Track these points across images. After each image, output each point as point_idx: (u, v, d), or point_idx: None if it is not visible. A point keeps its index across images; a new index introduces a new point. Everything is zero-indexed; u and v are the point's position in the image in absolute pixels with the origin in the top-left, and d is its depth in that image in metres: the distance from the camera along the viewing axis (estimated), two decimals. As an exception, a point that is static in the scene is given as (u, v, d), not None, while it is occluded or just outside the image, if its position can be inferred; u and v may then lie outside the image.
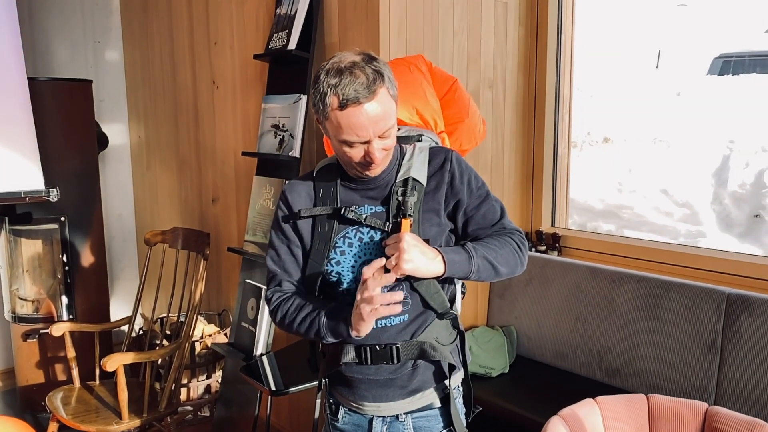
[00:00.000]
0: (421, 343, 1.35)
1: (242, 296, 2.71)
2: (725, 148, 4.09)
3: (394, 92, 1.26)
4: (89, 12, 3.75)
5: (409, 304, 1.34)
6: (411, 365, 1.37)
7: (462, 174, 1.36)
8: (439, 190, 1.35)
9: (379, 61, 1.25)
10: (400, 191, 1.33)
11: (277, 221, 1.42)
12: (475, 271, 1.29)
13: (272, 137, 2.59)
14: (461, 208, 1.37)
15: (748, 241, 3.49)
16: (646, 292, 2.25)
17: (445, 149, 1.42)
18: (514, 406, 2.20)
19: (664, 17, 8.18)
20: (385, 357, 1.34)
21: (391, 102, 1.24)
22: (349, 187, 1.37)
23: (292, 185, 1.43)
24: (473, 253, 1.29)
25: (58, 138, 2.98)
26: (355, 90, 1.18)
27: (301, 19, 2.44)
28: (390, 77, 1.25)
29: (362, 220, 1.32)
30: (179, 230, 2.82)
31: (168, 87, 3.53)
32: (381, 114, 1.22)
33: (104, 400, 2.54)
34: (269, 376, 2.32)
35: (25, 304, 3.04)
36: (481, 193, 1.39)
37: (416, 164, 1.36)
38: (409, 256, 1.20)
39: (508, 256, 1.34)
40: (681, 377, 2.12)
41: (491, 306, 2.73)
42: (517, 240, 1.38)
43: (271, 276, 1.43)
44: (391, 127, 1.26)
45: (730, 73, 5.22)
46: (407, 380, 1.37)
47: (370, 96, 1.19)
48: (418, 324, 1.35)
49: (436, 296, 1.34)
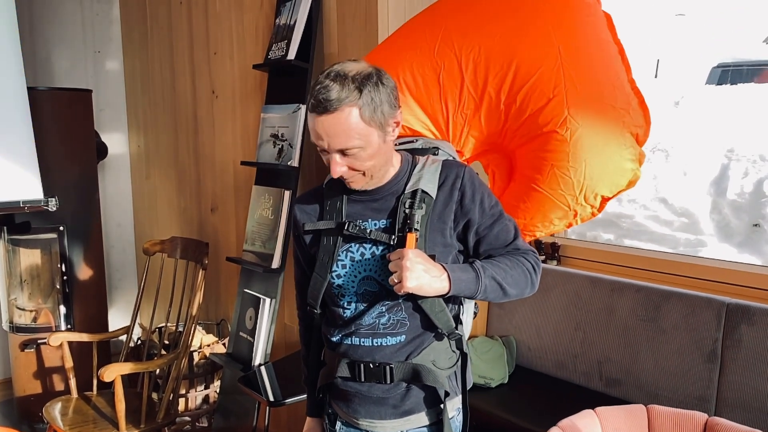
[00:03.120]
0: (416, 366, 1.31)
1: (241, 306, 2.70)
2: (724, 157, 4.09)
3: (378, 117, 1.20)
4: (89, 22, 3.77)
5: (407, 325, 1.31)
6: (404, 386, 1.33)
7: (474, 192, 1.30)
8: (447, 207, 1.30)
9: (379, 85, 1.20)
10: (408, 203, 1.29)
11: (293, 238, 1.45)
12: (482, 291, 1.24)
13: (271, 147, 2.59)
14: (472, 228, 1.31)
15: (747, 250, 3.49)
16: (646, 301, 2.24)
17: (459, 164, 1.36)
18: (513, 416, 2.19)
19: (663, 27, 8.22)
20: (377, 376, 1.31)
21: (360, 124, 1.18)
22: (355, 199, 1.34)
23: (300, 200, 1.44)
24: (481, 272, 1.24)
25: (58, 147, 2.99)
26: (318, 100, 1.18)
27: (301, 29, 2.45)
28: (379, 101, 1.19)
29: (366, 234, 1.29)
30: (178, 240, 2.81)
31: (168, 96, 3.53)
32: (337, 131, 1.18)
33: (102, 410, 2.53)
34: (267, 386, 2.31)
35: (23, 314, 3.03)
36: (494, 213, 1.32)
37: (427, 175, 1.31)
38: (412, 274, 1.16)
39: (518, 277, 1.29)
40: (681, 387, 2.11)
41: (490, 316, 2.72)
42: (532, 261, 1.32)
43: (296, 293, 1.51)
44: (357, 149, 1.20)
45: (728, 83, 5.24)
46: (400, 401, 1.34)
47: (328, 111, 1.17)
48: (415, 345, 1.32)
49: (441, 315, 1.30)
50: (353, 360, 1.33)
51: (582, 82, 1.45)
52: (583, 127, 1.44)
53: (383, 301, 1.30)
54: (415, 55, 1.51)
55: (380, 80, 1.22)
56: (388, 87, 1.23)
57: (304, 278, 1.42)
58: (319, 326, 1.44)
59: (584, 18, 1.48)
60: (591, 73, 1.46)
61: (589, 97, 1.45)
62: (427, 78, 1.51)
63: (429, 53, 1.50)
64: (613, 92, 1.47)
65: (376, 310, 1.31)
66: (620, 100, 1.47)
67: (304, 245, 1.40)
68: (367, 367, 1.32)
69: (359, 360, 1.32)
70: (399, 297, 1.28)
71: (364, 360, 1.32)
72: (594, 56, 1.48)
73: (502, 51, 1.45)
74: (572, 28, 1.47)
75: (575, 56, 1.45)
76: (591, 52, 1.47)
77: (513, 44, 1.45)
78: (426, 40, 1.52)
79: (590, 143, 1.45)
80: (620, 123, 1.48)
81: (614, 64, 1.49)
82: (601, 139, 1.46)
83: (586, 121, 1.44)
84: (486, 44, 1.46)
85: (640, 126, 1.51)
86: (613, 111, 1.47)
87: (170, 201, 3.63)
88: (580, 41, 1.46)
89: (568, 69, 1.44)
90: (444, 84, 1.50)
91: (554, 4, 1.48)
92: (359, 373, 1.33)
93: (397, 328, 1.31)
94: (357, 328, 1.32)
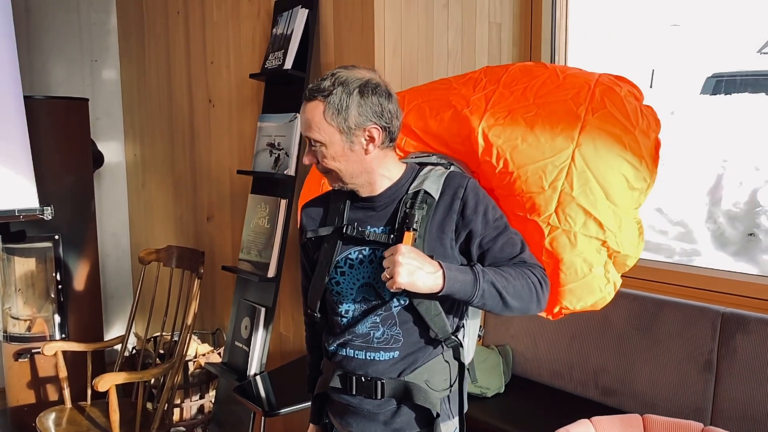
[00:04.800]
0: (408, 383, 1.29)
1: (236, 315, 2.69)
2: (719, 167, 4.11)
3: (340, 121, 1.24)
4: (86, 31, 3.78)
5: (401, 341, 1.29)
6: (395, 404, 1.31)
7: (477, 204, 1.28)
8: (447, 217, 1.28)
9: (355, 93, 1.23)
10: (409, 203, 1.28)
11: (299, 244, 1.46)
12: (479, 296, 1.19)
13: (268, 156, 2.60)
14: (475, 240, 1.28)
15: (742, 259, 3.50)
16: (641, 310, 2.24)
17: (464, 175, 1.35)
18: (509, 426, 2.18)
19: (658, 37, 8.26)
20: (368, 390, 1.30)
21: (322, 121, 1.24)
22: (357, 206, 1.34)
23: (307, 204, 1.46)
24: (480, 276, 1.20)
25: (54, 156, 2.98)
26: (309, 88, 1.27)
27: (297, 39, 2.46)
28: (345, 106, 1.23)
29: (365, 236, 1.29)
30: (173, 249, 2.81)
31: (164, 105, 3.54)
32: (307, 119, 1.27)
33: (96, 420, 2.51)
34: (263, 396, 2.30)
35: (17, 323, 3.01)
36: (499, 225, 1.29)
37: (431, 178, 1.31)
38: (404, 270, 1.14)
39: (521, 289, 1.24)
40: (677, 396, 2.11)
41: (487, 325, 2.72)
42: (538, 275, 1.27)
43: (303, 299, 1.50)
44: (319, 144, 1.26)
45: (722, 93, 5.26)
46: (390, 417, 1.32)
47: (306, 99, 1.27)
48: (408, 363, 1.30)
49: (437, 319, 1.27)
50: (346, 372, 1.33)
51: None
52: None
53: (378, 311, 1.29)
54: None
55: (363, 92, 1.24)
56: (369, 101, 1.24)
57: (309, 284, 1.42)
58: (322, 333, 1.44)
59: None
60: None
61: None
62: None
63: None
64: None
65: (370, 320, 1.30)
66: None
67: (308, 251, 1.42)
68: (359, 380, 1.31)
69: (352, 372, 1.32)
70: (393, 308, 1.28)
71: (357, 373, 1.31)
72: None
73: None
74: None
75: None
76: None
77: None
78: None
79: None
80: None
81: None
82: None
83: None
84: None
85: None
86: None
87: (166, 210, 3.62)
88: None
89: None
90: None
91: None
92: (351, 385, 1.32)
93: (391, 343, 1.30)
94: (352, 337, 1.32)
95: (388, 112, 1.27)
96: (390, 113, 1.27)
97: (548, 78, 1.51)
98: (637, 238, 1.51)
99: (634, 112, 1.47)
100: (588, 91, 1.45)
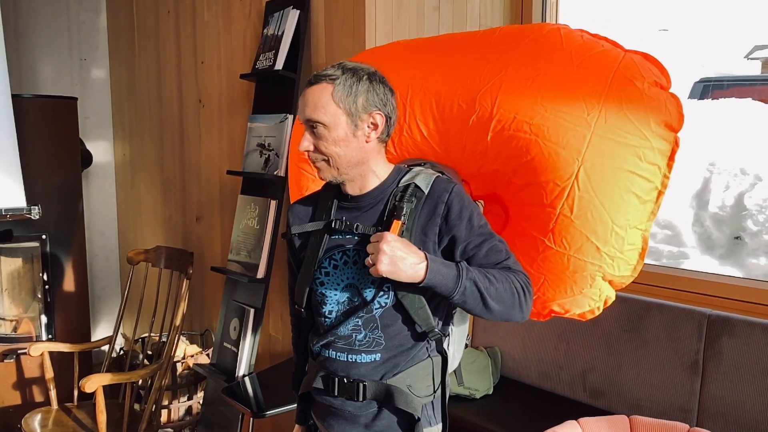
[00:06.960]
0: (390, 386, 1.29)
1: (225, 316, 2.68)
2: (706, 170, 4.15)
3: (349, 104, 1.24)
4: (76, 30, 3.75)
5: (382, 345, 1.30)
6: (376, 406, 1.31)
7: (462, 209, 1.27)
8: (431, 221, 1.27)
9: (364, 80, 1.25)
10: (399, 196, 1.29)
11: (286, 242, 1.45)
12: (460, 293, 1.19)
13: (258, 156, 2.59)
14: (459, 246, 1.27)
15: (729, 262, 3.53)
16: (629, 312, 2.26)
17: (449, 180, 1.34)
18: (497, 427, 2.19)
19: (646, 42, 8.34)
20: (350, 392, 1.30)
21: (330, 102, 1.24)
22: (344, 206, 1.34)
23: (295, 203, 1.46)
24: (463, 273, 1.20)
25: (41, 155, 2.96)
26: (314, 75, 1.28)
27: (288, 40, 2.46)
28: (355, 91, 1.24)
29: (353, 230, 1.29)
30: (162, 249, 2.79)
31: (154, 105, 3.52)
32: (312, 100, 1.25)
33: (82, 422, 2.49)
34: (251, 397, 2.30)
35: (3, 323, 2.99)
36: (483, 232, 1.28)
37: (422, 176, 1.32)
38: (386, 257, 1.15)
39: (504, 293, 1.22)
40: (663, 397, 2.12)
41: (475, 327, 2.72)
42: (522, 281, 1.26)
43: (289, 299, 1.49)
44: (323, 126, 1.24)
45: (709, 97, 5.32)
46: (371, 420, 1.32)
47: (311, 83, 1.27)
48: (390, 366, 1.30)
49: (421, 312, 1.27)
50: (328, 373, 1.33)
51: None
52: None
53: (359, 312, 1.30)
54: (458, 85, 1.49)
55: (372, 79, 1.27)
56: (377, 88, 1.27)
57: (295, 283, 1.42)
58: (308, 334, 1.44)
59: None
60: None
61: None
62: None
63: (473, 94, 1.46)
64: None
65: (352, 322, 1.30)
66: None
67: (293, 249, 1.41)
68: (341, 381, 1.31)
69: (335, 374, 1.32)
70: (375, 310, 1.28)
71: (339, 374, 1.32)
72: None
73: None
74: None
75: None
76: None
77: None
78: (474, 76, 1.47)
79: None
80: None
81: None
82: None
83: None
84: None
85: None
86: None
87: (155, 210, 3.60)
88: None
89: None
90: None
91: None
92: (333, 386, 1.32)
93: (373, 346, 1.30)
94: (335, 339, 1.32)
95: (391, 104, 1.30)
96: (392, 106, 1.31)
97: (561, 63, 1.40)
98: (636, 260, 1.46)
99: (655, 110, 1.35)
100: (605, 86, 1.35)
